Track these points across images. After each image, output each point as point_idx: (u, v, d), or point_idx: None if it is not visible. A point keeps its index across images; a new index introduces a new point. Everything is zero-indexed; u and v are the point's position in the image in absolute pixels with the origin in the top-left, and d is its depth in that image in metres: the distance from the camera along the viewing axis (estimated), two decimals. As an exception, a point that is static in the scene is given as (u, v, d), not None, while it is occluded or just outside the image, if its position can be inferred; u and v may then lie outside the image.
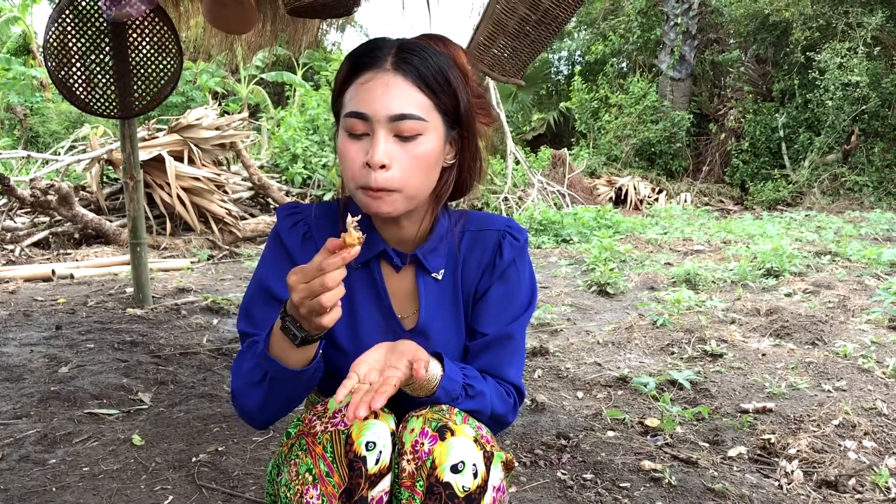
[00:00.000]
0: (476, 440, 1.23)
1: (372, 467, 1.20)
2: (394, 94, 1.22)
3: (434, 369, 1.27)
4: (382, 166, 1.22)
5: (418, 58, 1.25)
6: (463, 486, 1.19)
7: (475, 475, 1.20)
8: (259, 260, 1.45)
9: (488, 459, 1.23)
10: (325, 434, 1.21)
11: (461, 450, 1.20)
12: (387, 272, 1.41)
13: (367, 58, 1.25)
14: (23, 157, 9.52)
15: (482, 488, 1.21)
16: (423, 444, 1.21)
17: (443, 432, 1.22)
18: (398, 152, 1.23)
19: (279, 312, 1.24)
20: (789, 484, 2.40)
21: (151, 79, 4.40)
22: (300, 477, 1.21)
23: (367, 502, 1.20)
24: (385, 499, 1.23)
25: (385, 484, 1.22)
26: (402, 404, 1.34)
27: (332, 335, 1.40)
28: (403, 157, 1.24)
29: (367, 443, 1.20)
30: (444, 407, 1.28)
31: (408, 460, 1.22)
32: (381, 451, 1.21)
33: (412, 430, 1.24)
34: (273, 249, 1.42)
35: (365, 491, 1.19)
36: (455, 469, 1.19)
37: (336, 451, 1.20)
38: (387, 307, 1.41)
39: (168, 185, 7.78)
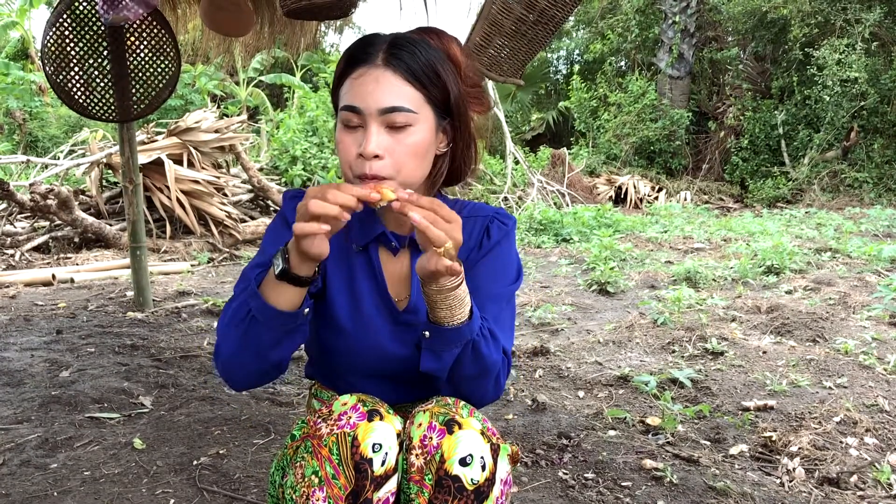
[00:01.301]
0: (483, 433, 1.23)
1: (378, 469, 1.20)
2: (384, 88, 1.28)
3: (466, 291, 1.28)
4: (375, 156, 1.28)
5: (408, 52, 1.30)
6: (472, 479, 1.20)
7: (483, 468, 1.21)
8: (262, 243, 1.48)
9: (495, 452, 1.23)
10: (331, 436, 1.22)
11: (469, 443, 1.21)
12: (384, 256, 1.45)
13: (360, 53, 1.32)
14: (22, 162, 9.54)
15: (490, 481, 1.21)
16: (431, 438, 1.22)
17: (450, 426, 1.22)
18: (390, 142, 1.29)
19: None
20: (791, 481, 2.40)
21: (150, 82, 4.40)
22: (306, 479, 1.21)
23: (373, 504, 1.20)
24: (392, 500, 1.23)
25: (391, 485, 1.23)
26: (406, 404, 1.35)
27: (332, 315, 1.42)
28: (395, 147, 1.29)
29: (374, 444, 1.21)
30: (449, 401, 1.29)
31: (416, 455, 1.23)
32: (387, 453, 1.22)
33: (419, 424, 1.25)
34: (276, 224, 1.47)
35: (371, 493, 1.20)
36: (464, 462, 1.20)
37: (342, 453, 1.20)
38: (382, 289, 1.44)
39: (167, 188, 7.78)
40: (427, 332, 1.29)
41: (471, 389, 1.34)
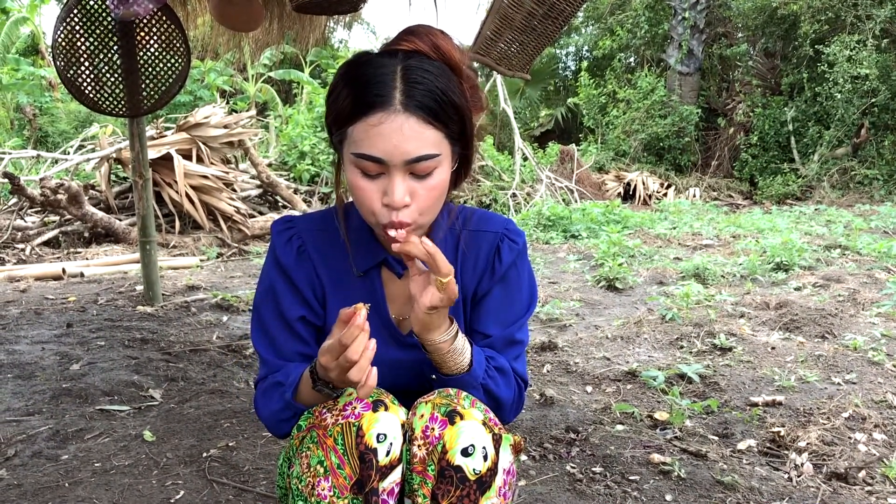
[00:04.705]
0: (484, 423, 1.24)
1: (383, 459, 1.21)
2: (408, 137, 1.20)
3: (464, 341, 1.32)
4: (404, 205, 1.23)
5: (425, 90, 1.21)
6: (474, 469, 1.20)
7: (485, 458, 1.21)
8: (261, 275, 1.45)
9: (497, 442, 1.24)
10: (336, 426, 1.22)
11: (471, 433, 1.22)
12: (389, 278, 1.43)
13: (373, 96, 1.20)
14: (32, 157, 9.57)
15: (493, 471, 1.22)
16: (433, 429, 1.23)
17: (452, 417, 1.23)
18: (415, 188, 1.24)
19: (296, 341, 1.40)
20: (799, 476, 2.40)
21: (160, 77, 4.41)
22: (311, 469, 1.22)
23: (378, 494, 1.21)
24: (396, 490, 1.24)
25: (396, 475, 1.24)
26: (412, 396, 1.36)
27: None
28: (421, 192, 1.24)
29: (378, 434, 1.21)
30: (451, 392, 1.30)
31: (419, 445, 1.23)
32: (391, 443, 1.23)
33: (422, 415, 1.25)
34: (273, 269, 1.43)
35: (376, 482, 1.21)
36: (465, 452, 1.21)
37: (347, 443, 1.21)
38: (384, 315, 1.42)
39: (177, 183, 7.81)
40: (434, 377, 1.35)
41: None
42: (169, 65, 4.41)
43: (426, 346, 1.30)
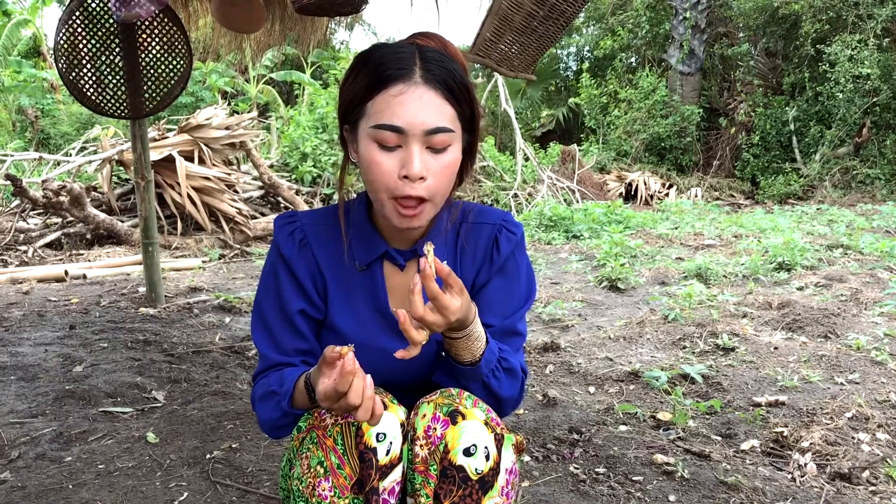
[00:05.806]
0: (486, 423, 1.24)
1: (383, 458, 1.22)
2: (428, 107, 1.24)
3: (481, 329, 1.31)
4: (420, 178, 1.24)
5: (444, 68, 1.26)
6: (476, 469, 1.21)
7: (487, 458, 1.22)
8: (263, 270, 1.46)
9: (499, 442, 1.25)
10: (336, 426, 1.23)
11: (473, 433, 1.22)
12: (391, 271, 1.43)
13: (394, 69, 1.25)
14: (34, 159, 9.59)
15: (495, 470, 1.22)
16: (435, 428, 1.23)
17: (454, 416, 1.23)
18: (431, 163, 1.26)
19: (293, 331, 1.39)
20: (802, 476, 2.39)
21: (161, 79, 4.41)
22: (312, 470, 1.22)
23: (379, 493, 1.21)
24: (397, 489, 1.25)
25: (396, 474, 1.24)
26: (410, 396, 1.36)
27: (342, 336, 1.42)
28: (436, 167, 1.26)
29: (378, 434, 1.22)
30: (453, 391, 1.30)
31: (420, 445, 1.24)
32: (391, 442, 1.23)
33: (424, 415, 1.26)
34: (275, 262, 1.44)
35: (376, 482, 1.21)
36: (467, 452, 1.21)
37: (346, 443, 1.21)
38: (384, 307, 1.42)
39: (179, 184, 7.81)
40: (444, 353, 1.34)
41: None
42: (171, 66, 4.41)
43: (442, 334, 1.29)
